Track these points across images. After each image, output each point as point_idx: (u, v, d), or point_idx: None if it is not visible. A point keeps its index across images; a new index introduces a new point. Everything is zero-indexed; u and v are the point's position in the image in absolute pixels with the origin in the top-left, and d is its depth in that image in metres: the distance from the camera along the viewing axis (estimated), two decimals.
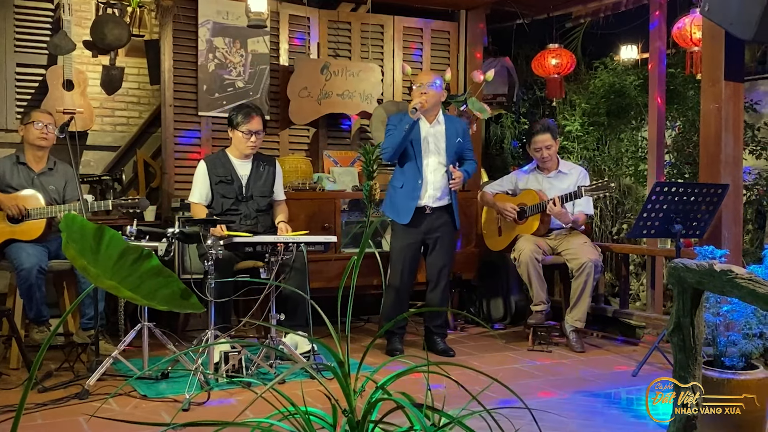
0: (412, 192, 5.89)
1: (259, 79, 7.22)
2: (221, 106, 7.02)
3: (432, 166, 5.91)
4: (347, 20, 7.64)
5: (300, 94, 7.27)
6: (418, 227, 5.93)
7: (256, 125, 5.83)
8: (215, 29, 7.03)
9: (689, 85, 7.76)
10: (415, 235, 5.95)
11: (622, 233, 8.03)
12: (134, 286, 1.88)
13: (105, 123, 7.28)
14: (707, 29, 5.71)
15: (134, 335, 5.00)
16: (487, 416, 2.16)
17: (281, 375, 2.36)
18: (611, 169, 8.16)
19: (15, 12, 6.95)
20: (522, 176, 6.72)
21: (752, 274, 2.82)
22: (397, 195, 5.96)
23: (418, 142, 5.88)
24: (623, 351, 6.24)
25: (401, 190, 5.93)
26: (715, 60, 5.64)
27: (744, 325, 3.99)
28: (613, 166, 8.12)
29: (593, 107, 8.10)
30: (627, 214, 8.13)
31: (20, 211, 5.42)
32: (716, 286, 2.89)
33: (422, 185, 5.88)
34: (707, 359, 4.03)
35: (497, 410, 2.20)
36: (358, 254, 2.26)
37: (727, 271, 2.84)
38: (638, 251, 7.39)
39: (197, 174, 5.88)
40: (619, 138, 8.14)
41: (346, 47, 7.63)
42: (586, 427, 4.25)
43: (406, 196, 5.89)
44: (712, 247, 4.47)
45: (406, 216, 5.87)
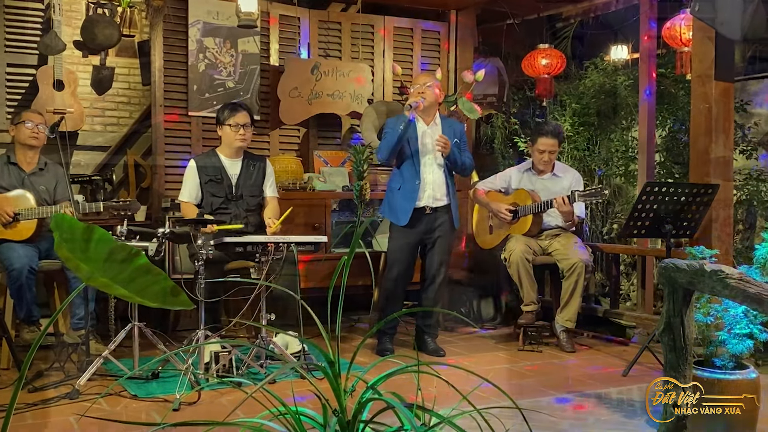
0: (410, 193, 5.88)
1: (249, 79, 7.22)
2: (211, 106, 7.00)
3: (430, 167, 5.91)
4: (337, 20, 7.64)
5: (290, 95, 7.26)
6: (416, 228, 5.92)
7: (242, 119, 5.83)
8: (205, 29, 7.02)
9: (679, 85, 7.77)
10: (413, 236, 5.94)
11: (612, 233, 8.03)
12: (125, 283, 1.88)
13: (95, 123, 7.27)
14: (698, 29, 5.72)
15: (124, 335, 4.99)
16: (477, 416, 2.17)
17: (272, 375, 2.36)
18: (602, 168, 8.17)
19: (5, 12, 6.94)
20: (516, 175, 6.71)
21: (742, 274, 2.83)
22: (395, 197, 5.95)
23: (415, 143, 5.89)
24: (614, 351, 6.25)
25: (399, 192, 5.92)
26: (705, 60, 5.65)
27: (734, 325, 4.00)
28: (603, 166, 8.12)
29: (584, 107, 8.10)
30: (617, 214, 8.13)
31: (7, 219, 5.40)
32: (707, 285, 2.90)
33: (420, 186, 5.87)
34: (698, 359, 4.04)
35: (488, 410, 2.21)
36: (349, 254, 2.26)
37: (717, 271, 2.85)
38: (629, 251, 7.39)
39: (187, 173, 5.87)
40: (609, 138, 8.14)
41: (336, 47, 7.63)
42: (576, 426, 4.26)
43: (404, 197, 5.88)
44: (702, 247, 4.48)
45: (404, 217, 5.86)
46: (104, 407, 4.53)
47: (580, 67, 8.62)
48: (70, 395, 4.62)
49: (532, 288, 6.25)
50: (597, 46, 8.65)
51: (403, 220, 5.86)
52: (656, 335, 3.78)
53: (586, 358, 5.99)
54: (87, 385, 4.76)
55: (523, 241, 6.31)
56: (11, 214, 5.43)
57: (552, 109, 8.46)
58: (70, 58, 7.07)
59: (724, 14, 4.98)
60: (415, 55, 7.84)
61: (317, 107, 7.43)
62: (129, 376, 4.99)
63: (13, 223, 5.45)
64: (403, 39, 7.84)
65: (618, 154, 8.19)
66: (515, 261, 6.20)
